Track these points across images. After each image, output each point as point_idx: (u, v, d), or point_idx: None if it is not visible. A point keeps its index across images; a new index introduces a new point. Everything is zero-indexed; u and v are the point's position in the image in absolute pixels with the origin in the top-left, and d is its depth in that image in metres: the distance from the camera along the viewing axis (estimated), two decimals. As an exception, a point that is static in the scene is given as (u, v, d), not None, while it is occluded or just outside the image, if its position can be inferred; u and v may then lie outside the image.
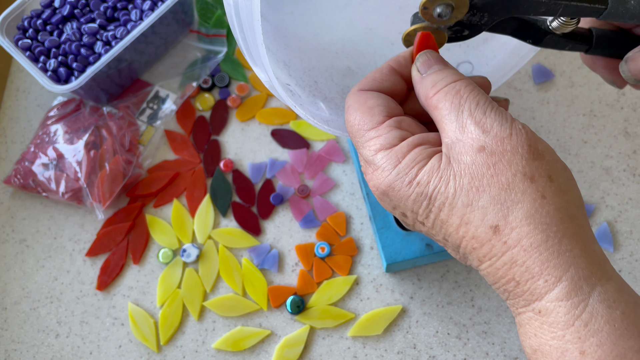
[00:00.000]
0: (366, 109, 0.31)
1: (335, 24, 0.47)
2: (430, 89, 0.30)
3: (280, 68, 0.41)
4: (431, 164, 0.28)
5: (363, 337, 0.46)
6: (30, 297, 0.49)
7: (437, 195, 0.28)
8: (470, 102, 0.28)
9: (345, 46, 0.47)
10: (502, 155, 0.27)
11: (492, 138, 0.27)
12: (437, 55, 0.32)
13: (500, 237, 0.26)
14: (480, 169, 0.27)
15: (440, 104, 0.29)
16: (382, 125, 0.30)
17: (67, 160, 0.50)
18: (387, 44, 0.47)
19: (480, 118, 0.28)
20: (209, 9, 0.58)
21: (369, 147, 0.30)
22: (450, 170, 0.28)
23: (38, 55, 0.51)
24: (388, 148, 0.29)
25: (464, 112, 0.28)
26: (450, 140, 0.28)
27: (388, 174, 0.29)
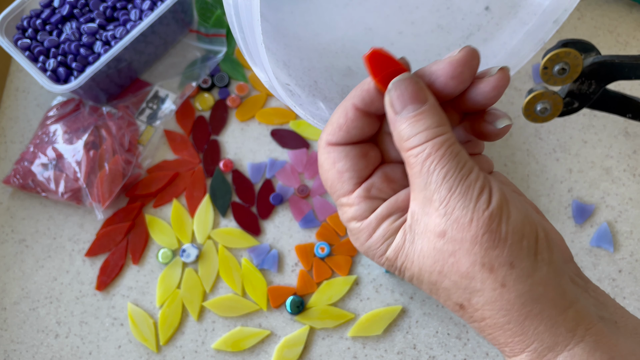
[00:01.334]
0: (335, 173, 0.30)
1: (335, 24, 0.47)
2: (404, 141, 0.28)
3: (280, 68, 0.40)
4: (397, 241, 0.29)
5: (363, 338, 0.46)
6: (29, 297, 0.49)
7: (404, 270, 0.29)
8: (438, 173, 0.27)
9: (345, 46, 0.47)
10: (462, 244, 0.26)
11: (453, 223, 0.26)
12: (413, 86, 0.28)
13: (466, 313, 0.28)
14: (442, 255, 0.27)
15: (411, 164, 0.28)
16: (352, 195, 0.30)
17: (66, 160, 0.50)
18: (387, 44, 0.47)
19: (445, 196, 0.26)
20: (209, 8, 0.58)
21: (343, 212, 0.31)
22: (414, 249, 0.28)
23: (37, 55, 0.51)
24: (359, 220, 0.30)
25: (431, 184, 0.27)
26: (417, 210, 0.28)
27: (362, 244, 0.30)
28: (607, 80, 0.37)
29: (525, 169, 0.51)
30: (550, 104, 0.38)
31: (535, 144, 0.51)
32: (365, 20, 0.47)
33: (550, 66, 0.36)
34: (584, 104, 0.39)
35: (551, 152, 0.51)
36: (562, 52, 0.35)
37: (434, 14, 0.47)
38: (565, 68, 0.36)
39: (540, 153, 0.51)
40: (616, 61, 0.36)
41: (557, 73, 0.36)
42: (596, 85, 0.37)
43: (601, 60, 0.36)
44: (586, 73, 0.37)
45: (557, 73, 0.36)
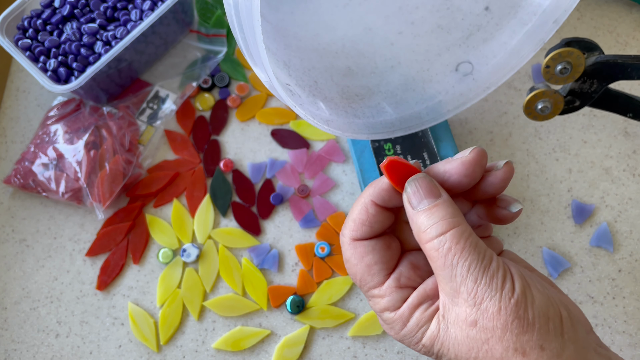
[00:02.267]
0: (364, 266, 0.32)
1: (335, 24, 0.47)
2: (422, 233, 0.30)
3: (280, 68, 0.41)
4: (431, 330, 0.30)
5: (363, 337, 0.46)
6: (30, 297, 0.49)
7: (442, 355, 0.30)
8: (462, 266, 0.28)
9: (345, 46, 0.47)
10: (494, 332, 0.28)
11: (483, 313, 0.28)
12: (427, 182, 0.30)
13: None
14: (475, 343, 0.28)
15: (433, 257, 0.29)
16: (383, 286, 0.32)
17: (67, 160, 0.50)
18: (386, 44, 0.47)
19: (472, 288, 0.28)
20: (209, 8, 0.58)
21: (375, 303, 0.32)
22: (448, 337, 0.29)
23: (38, 55, 0.51)
24: (392, 310, 0.31)
25: (457, 276, 0.28)
26: (447, 300, 0.29)
27: (397, 333, 0.31)
28: (610, 79, 0.37)
29: (525, 169, 0.51)
30: (551, 103, 0.38)
31: (535, 143, 0.51)
32: (365, 21, 0.48)
33: (553, 65, 0.36)
34: (585, 103, 0.39)
35: (551, 152, 0.51)
36: (564, 52, 0.35)
37: (433, 14, 0.47)
38: (568, 67, 0.36)
39: (540, 153, 0.51)
40: (619, 61, 0.36)
41: (559, 72, 0.36)
42: (598, 85, 0.37)
43: (604, 60, 0.36)
44: (588, 72, 0.37)
45: (559, 72, 0.36)
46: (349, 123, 0.43)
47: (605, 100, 0.39)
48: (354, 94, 0.45)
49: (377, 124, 0.44)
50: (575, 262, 0.48)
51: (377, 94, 0.45)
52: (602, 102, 0.39)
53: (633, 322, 0.46)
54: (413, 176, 0.31)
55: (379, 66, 0.47)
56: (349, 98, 0.44)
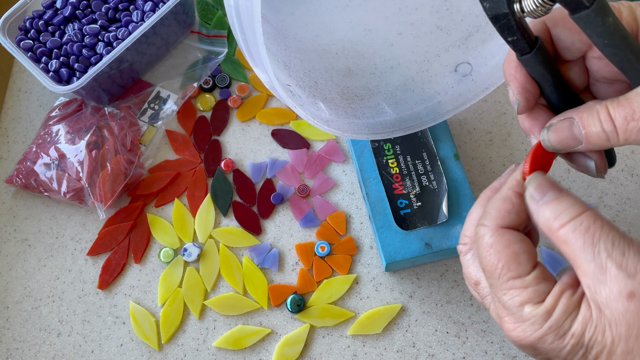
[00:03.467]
0: (511, 253, 0.30)
1: (335, 25, 0.48)
2: (553, 221, 0.29)
3: (281, 69, 0.41)
4: (582, 314, 0.28)
5: (363, 336, 0.46)
6: (32, 296, 0.49)
7: (593, 344, 0.27)
8: (605, 242, 0.27)
9: (345, 47, 0.47)
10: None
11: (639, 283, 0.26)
12: (547, 178, 0.31)
13: None
14: (636, 317, 0.26)
15: (570, 240, 0.28)
16: (529, 276, 0.29)
17: (68, 160, 0.50)
18: (386, 45, 0.48)
19: (621, 260, 0.27)
20: (210, 10, 0.59)
21: (512, 296, 0.29)
22: (603, 318, 0.27)
23: (40, 55, 0.51)
24: (536, 302, 0.29)
25: (601, 252, 0.27)
26: (592, 282, 0.27)
27: (539, 328, 0.28)
28: None
29: (523, 169, 0.51)
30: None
31: (534, 144, 0.52)
32: (365, 22, 0.48)
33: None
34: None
35: (550, 152, 0.51)
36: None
37: (433, 15, 0.47)
38: None
39: (539, 153, 0.51)
40: None
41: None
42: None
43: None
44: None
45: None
46: (349, 123, 0.43)
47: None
48: (354, 94, 0.45)
49: (376, 124, 0.44)
50: None
51: (376, 95, 0.46)
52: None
53: (631, 321, 0.46)
54: (532, 174, 0.31)
55: (378, 67, 0.47)
56: (349, 98, 0.45)
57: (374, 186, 0.47)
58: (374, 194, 0.46)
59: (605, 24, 0.27)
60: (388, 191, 0.46)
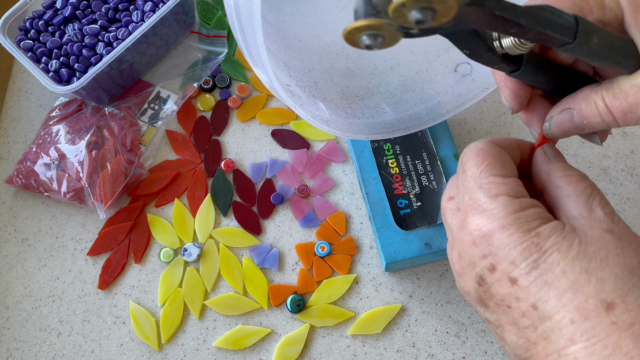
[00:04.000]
0: (499, 159, 0.30)
1: (335, 25, 0.48)
2: (561, 170, 0.30)
3: (281, 69, 0.41)
4: (555, 223, 0.27)
5: (362, 336, 0.47)
6: (32, 296, 0.49)
7: (553, 252, 0.26)
8: (601, 198, 0.28)
9: (345, 47, 0.47)
10: (630, 243, 0.26)
11: (620, 227, 0.27)
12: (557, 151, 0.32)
13: (611, 316, 0.25)
14: (608, 245, 0.26)
15: (567, 186, 0.29)
16: (510, 177, 0.29)
17: (69, 160, 0.50)
18: (386, 45, 0.48)
19: (610, 211, 0.28)
20: (210, 10, 0.59)
21: (489, 188, 0.28)
22: (575, 236, 0.27)
23: (40, 56, 0.51)
24: (512, 196, 0.28)
25: (595, 200, 0.28)
26: (573, 216, 0.28)
27: (505, 216, 0.27)
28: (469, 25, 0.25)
29: (523, 169, 0.51)
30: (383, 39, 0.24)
31: (534, 144, 0.52)
32: (365, 22, 0.48)
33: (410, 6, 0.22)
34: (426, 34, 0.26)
35: (549, 152, 0.51)
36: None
37: (433, 15, 0.47)
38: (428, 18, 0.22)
39: (539, 153, 0.51)
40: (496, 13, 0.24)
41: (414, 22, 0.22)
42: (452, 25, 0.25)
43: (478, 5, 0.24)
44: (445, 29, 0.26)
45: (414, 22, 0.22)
46: (349, 123, 0.43)
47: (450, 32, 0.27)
48: (354, 94, 0.45)
49: (376, 124, 0.45)
50: None
51: (376, 95, 0.46)
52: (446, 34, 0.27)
53: (631, 321, 0.46)
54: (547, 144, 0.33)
55: (378, 67, 0.47)
56: (349, 99, 0.45)
57: (374, 186, 0.47)
58: (373, 194, 0.46)
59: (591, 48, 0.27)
60: (388, 191, 0.46)
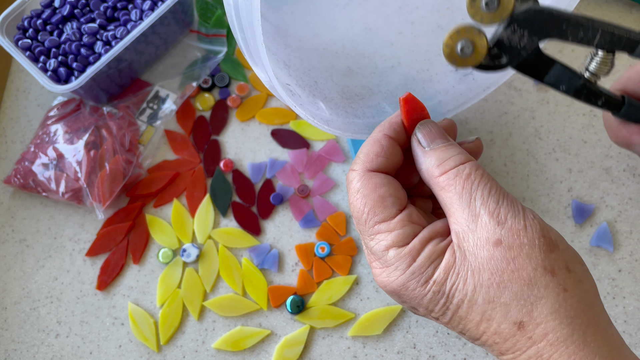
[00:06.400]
0: (377, 197, 0.29)
1: (335, 24, 0.47)
2: (437, 167, 0.29)
3: (280, 68, 0.41)
4: (446, 260, 0.27)
5: (363, 337, 0.46)
6: (30, 296, 0.49)
7: (455, 292, 0.27)
8: (482, 190, 0.27)
9: (345, 46, 0.47)
10: (520, 249, 0.26)
11: (508, 231, 0.26)
12: (437, 126, 0.31)
13: (525, 333, 0.26)
14: (500, 265, 0.26)
15: (449, 186, 0.28)
16: (394, 219, 0.29)
17: (67, 160, 0.50)
18: (386, 44, 0.47)
19: (494, 208, 0.27)
20: (209, 8, 0.58)
21: (378, 240, 0.29)
22: (467, 265, 0.27)
23: (38, 55, 0.51)
24: (401, 246, 0.28)
25: (477, 200, 0.27)
26: (462, 229, 0.27)
27: (401, 273, 0.28)
28: (542, 33, 0.32)
29: (525, 169, 0.51)
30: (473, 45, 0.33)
31: (535, 144, 0.51)
32: (365, 21, 0.48)
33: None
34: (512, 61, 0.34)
35: (551, 152, 0.51)
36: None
37: (433, 14, 0.47)
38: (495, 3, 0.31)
39: (540, 153, 0.51)
40: (554, 12, 0.32)
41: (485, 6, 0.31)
42: (529, 39, 0.33)
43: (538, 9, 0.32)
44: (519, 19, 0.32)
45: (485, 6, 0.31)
46: (349, 123, 0.43)
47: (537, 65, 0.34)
48: (354, 94, 0.45)
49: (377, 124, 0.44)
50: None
51: (377, 94, 0.45)
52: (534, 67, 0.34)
53: (633, 322, 0.46)
54: (425, 120, 0.31)
55: (379, 66, 0.47)
56: (349, 98, 0.44)
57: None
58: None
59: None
60: (388, 191, 0.46)
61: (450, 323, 0.28)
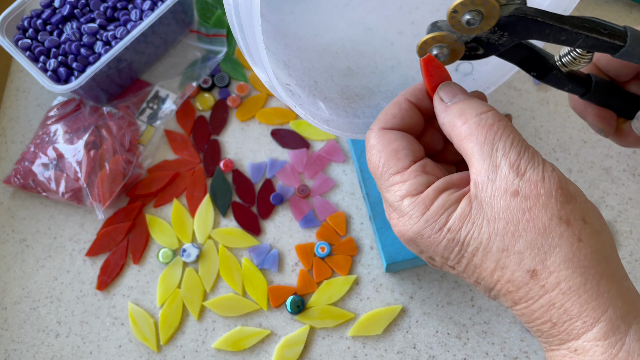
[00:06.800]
0: (391, 151, 0.30)
1: (335, 24, 0.47)
2: (458, 117, 0.29)
3: (280, 68, 0.41)
4: (461, 208, 0.28)
5: (363, 337, 0.46)
6: (30, 297, 0.49)
7: (469, 240, 0.27)
8: (505, 140, 0.27)
9: (345, 46, 0.47)
10: (537, 200, 0.26)
11: (526, 182, 0.26)
12: (459, 86, 0.31)
13: (538, 281, 0.26)
14: (516, 214, 0.26)
15: (472, 135, 0.28)
16: (407, 170, 0.30)
17: (67, 160, 0.50)
18: (387, 44, 0.47)
19: (515, 160, 0.27)
20: (209, 8, 0.58)
21: (394, 191, 0.30)
22: (482, 214, 0.27)
23: (38, 55, 0.51)
24: (415, 194, 0.29)
25: (499, 150, 0.27)
26: (481, 179, 0.27)
27: (416, 221, 0.29)
28: (522, 36, 0.32)
29: (525, 169, 0.51)
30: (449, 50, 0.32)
31: (535, 144, 0.51)
32: (365, 21, 0.47)
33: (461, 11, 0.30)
34: (488, 54, 0.33)
35: (551, 152, 0.51)
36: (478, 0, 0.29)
37: (434, 14, 0.47)
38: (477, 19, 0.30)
39: (540, 153, 0.51)
40: (539, 19, 0.30)
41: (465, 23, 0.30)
42: (508, 39, 0.32)
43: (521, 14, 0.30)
44: (501, 24, 0.31)
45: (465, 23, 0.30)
46: (349, 123, 0.43)
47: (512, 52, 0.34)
48: (354, 94, 0.45)
49: (377, 124, 0.44)
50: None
51: (377, 94, 0.45)
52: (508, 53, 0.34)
53: (633, 322, 0.46)
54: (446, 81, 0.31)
55: (379, 66, 0.47)
56: (349, 98, 0.44)
57: (374, 186, 0.46)
58: (374, 194, 0.46)
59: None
60: (388, 191, 0.46)
61: (466, 272, 0.28)
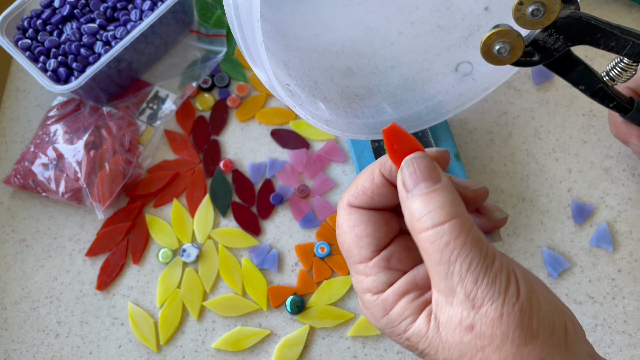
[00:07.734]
0: (354, 237, 0.29)
1: (334, 24, 0.47)
2: (416, 221, 0.26)
3: (280, 68, 0.41)
4: (419, 326, 0.27)
5: (363, 337, 0.46)
6: (30, 297, 0.49)
7: (426, 355, 0.27)
8: (462, 263, 0.25)
9: (345, 46, 0.47)
10: (492, 340, 0.25)
11: (482, 317, 0.25)
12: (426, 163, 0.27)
13: None
14: (469, 349, 0.25)
15: (426, 249, 0.26)
16: (369, 262, 0.28)
17: (67, 160, 0.50)
18: (386, 44, 0.47)
19: (471, 289, 0.25)
20: (209, 9, 0.58)
21: (358, 280, 0.29)
22: (438, 339, 0.26)
23: (38, 55, 0.51)
24: (375, 293, 0.28)
25: (454, 274, 0.25)
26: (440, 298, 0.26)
27: (379, 320, 0.28)
28: (576, 40, 0.34)
29: (525, 169, 0.51)
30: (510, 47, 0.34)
31: (535, 144, 0.51)
32: (365, 21, 0.48)
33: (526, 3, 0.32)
34: (543, 59, 0.36)
35: (551, 152, 0.51)
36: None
37: (433, 14, 0.47)
38: (541, 9, 0.32)
39: (540, 153, 0.51)
40: (592, 22, 0.34)
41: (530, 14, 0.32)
42: (562, 43, 0.35)
43: (578, 16, 0.34)
44: (558, 25, 0.34)
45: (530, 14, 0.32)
46: (349, 123, 0.43)
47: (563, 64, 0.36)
48: (354, 94, 0.45)
49: (377, 124, 0.44)
50: (575, 262, 0.48)
51: (377, 94, 0.45)
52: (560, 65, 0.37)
53: (633, 322, 0.46)
54: (412, 154, 0.27)
55: (378, 66, 0.47)
56: (349, 98, 0.44)
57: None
58: None
59: None
60: (388, 191, 0.46)
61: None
